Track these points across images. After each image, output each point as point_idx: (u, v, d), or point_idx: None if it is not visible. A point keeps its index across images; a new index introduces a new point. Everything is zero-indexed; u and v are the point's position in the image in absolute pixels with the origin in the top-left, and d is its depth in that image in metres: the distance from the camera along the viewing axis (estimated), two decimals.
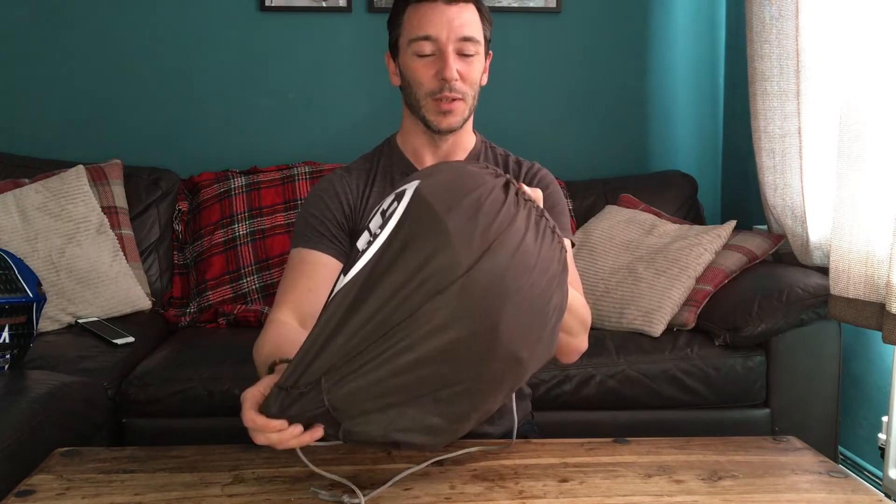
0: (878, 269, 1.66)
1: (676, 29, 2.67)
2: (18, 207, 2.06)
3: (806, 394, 1.85)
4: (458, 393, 0.82)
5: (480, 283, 0.77)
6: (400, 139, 1.30)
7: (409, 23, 1.19)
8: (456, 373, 0.80)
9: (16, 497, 0.96)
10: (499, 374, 0.83)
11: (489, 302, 0.78)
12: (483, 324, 0.78)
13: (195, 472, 1.04)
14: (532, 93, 2.63)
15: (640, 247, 2.11)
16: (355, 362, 0.80)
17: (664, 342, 1.88)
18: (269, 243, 2.27)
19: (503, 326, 0.79)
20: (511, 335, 0.80)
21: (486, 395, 0.86)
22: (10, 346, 1.57)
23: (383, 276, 0.79)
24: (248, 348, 1.86)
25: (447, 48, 1.16)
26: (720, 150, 2.73)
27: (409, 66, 1.20)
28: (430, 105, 1.19)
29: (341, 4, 2.55)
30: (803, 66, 1.97)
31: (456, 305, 0.77)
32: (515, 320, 0.80)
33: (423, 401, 0.82)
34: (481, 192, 0.82)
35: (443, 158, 1.27)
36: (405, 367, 0.79)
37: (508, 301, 0.79)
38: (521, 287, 0.80)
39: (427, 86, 1.18)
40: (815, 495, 1.01)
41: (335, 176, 1.27)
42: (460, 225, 0.79)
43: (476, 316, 0.78)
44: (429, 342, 0.78)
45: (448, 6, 1.17)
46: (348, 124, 2.58)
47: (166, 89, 2.55)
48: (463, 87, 1.18)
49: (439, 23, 1.16)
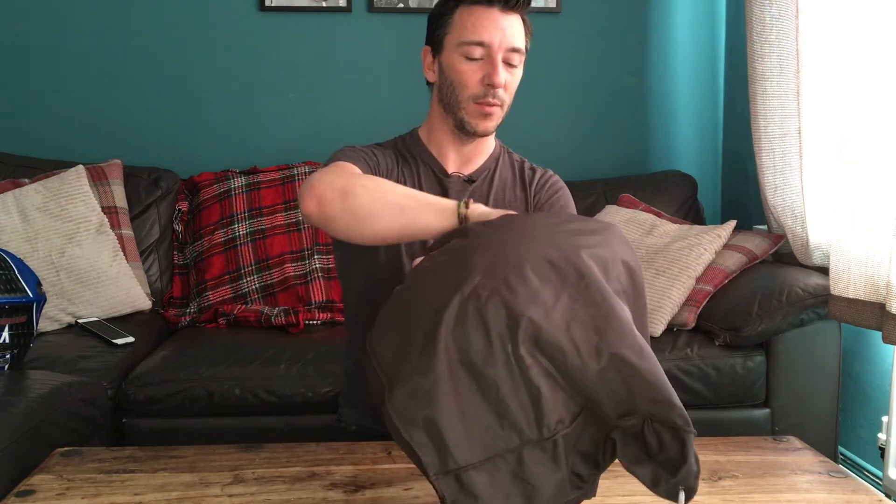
0: (878, 269, 1.66)
1: (676, 29, 2.67)
2: (18, 207, 2.06)
3: (806, 394, 1.85)
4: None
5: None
6: (424, 134, 1.30)
7: (462, 24, 1.19)
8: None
9: (16, 497, 0.96)
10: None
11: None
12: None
13: (195, 472, 1.04)
14: (532, 93, 2.62)
15: (640, 247, 2.12)
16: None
17: (664, 342, 1.88)
18: (269, 243, 2.27)
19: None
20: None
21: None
22: (10, 346, 1.57)
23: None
24: (249, 348, 1.88)
25: (497, 56, 1.18)
26: (720, 150, 2.73)
27: (454, 67, 1.20)
28: (471, 108, 1.20)
29: (341, 4, 2.55)
30: (803, 66, 1.97)
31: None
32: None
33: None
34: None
35: (466, 159, 1.29)
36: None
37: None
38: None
39: (472, 89, 1.19)
40: (814, 495, 1.01)
41: (367, 145, 1.27)
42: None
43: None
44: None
45: (503, 14, 1.19)
46: (348, 124, 2.58)
47: (166, 89, 2.55)
48: (504, 96, 1.21)
49: (493, 29, 1.18)
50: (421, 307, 0.82)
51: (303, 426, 1.74)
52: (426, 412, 0.77)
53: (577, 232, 0.87)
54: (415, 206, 1.01)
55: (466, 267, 0.81)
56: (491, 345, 0.78)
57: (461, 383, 0.78)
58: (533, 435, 0.78)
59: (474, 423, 0.78)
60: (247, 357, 1.83)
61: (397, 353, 0.81)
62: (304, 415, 1.75)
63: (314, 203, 1.01)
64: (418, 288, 0.86)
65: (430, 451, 0.77)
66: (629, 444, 0.80)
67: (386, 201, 1.01)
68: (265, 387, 1.75)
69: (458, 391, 0.77)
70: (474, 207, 0.99)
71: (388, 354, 0.82)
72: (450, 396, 0.77)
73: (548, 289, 0.79)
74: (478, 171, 1.30)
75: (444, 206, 1.00)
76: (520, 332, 0.77)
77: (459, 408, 0.77)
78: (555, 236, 0.86)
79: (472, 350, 0.78)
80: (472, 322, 0.78)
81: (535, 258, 0.81)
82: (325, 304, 2.22)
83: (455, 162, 1.28)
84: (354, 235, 1.03)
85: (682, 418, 0.76)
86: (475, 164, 1.30)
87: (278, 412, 1.75)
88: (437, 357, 0.77)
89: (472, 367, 0.78)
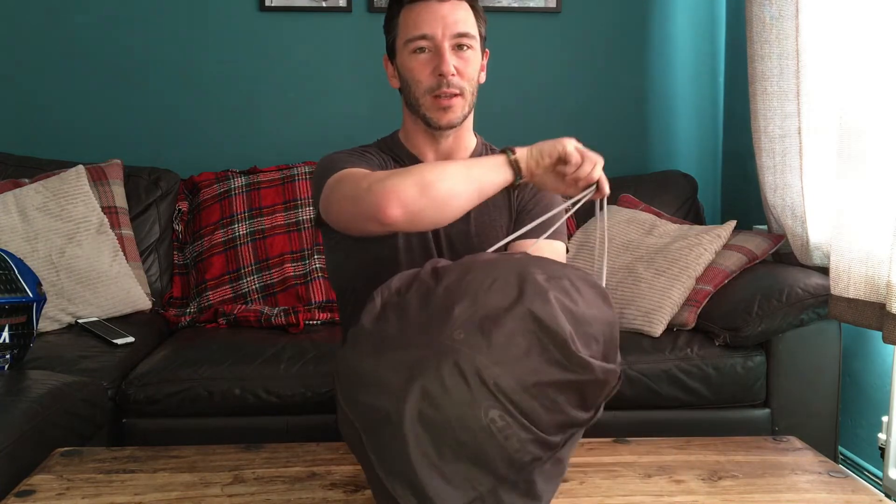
0: (878, 269, 1.66)
1: (676, 29, 2.67)
2: (18, 207, 2.06)
3: (806, 394, 1.85)
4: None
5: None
6: (402, 137, 1.32)
7: (405, 24, 1.21)
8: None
9: (16, 497, 0.96)
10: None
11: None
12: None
13: (195, 472, 1.04)
14: (532, 93, 2.63)
15: (640, 247, 2.11)
16: None
17: (664, 342, 1.87)
18: (269, 243, 2.27)
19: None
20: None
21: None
22: (10, 346, 1.57)
23: None
24: (249, 348, 1.88)
25: (443, 44, 1.19)
26: (720, 150, 2.73)
27: (406, 66, 1.22)
28: (429, 102, 1.21)
29: (341, 4, 2.55)
30: (803, 66, 1.97)
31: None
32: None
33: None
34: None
35: (444, 156, 1.29)
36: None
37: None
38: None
39: (425, 83, 1.20)
40: (815, 495, 1.01)
41: (353, 148, 1.28)
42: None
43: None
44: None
45: (441, 4, 1.19)
46: (348, 124, 2.57)
47: (166, 89, 2.55)
48: (460, 83, 1.20)
49: (433, 20, 1.18)
50: (396, 353, 0.83)
51: (303, 426, 1.74)
52: (403, 468, 0.78)
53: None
54: (478, 173, 1.05)
55: (444, 318, 0.83)
56: (469, 399, 0.78)
57: (435, 429, 0.78)
58: (508, 475, 0.81)
59: (454, 473, 0.78)
60: (247, 357, 1.83)
61: (369, 395, 0.82)
62: (304, 415, 1.75)
63: (398, 208, 0.99)
64: (398, 326, 0.86)
65: (411, 502, 0.78)
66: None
67: (457, 179, 1.03)
68: (265, 387, 1.75)
69: (432, 440, 0.78)
70: (520, 153, 1.08)
71: (360, 397, 0.83)
72: (426, 450, 0.78)
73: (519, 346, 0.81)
74: None
75: (498, 162, 1.07)
76: (489, 387, 0.78)
77: (436, 460, 0.78)
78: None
79: (447, 405, 0.78)
80: (448, 377, 0.78)
81: (514, 314, 0.82)
82: (325, 304, 2.22)
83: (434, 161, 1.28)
84: (441, 220, 1.05)
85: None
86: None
87: (278, 412, 1.75)
88: (405, 416, 0.77)
89: (445, 417, 0.78)
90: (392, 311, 0.88)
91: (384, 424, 0.79)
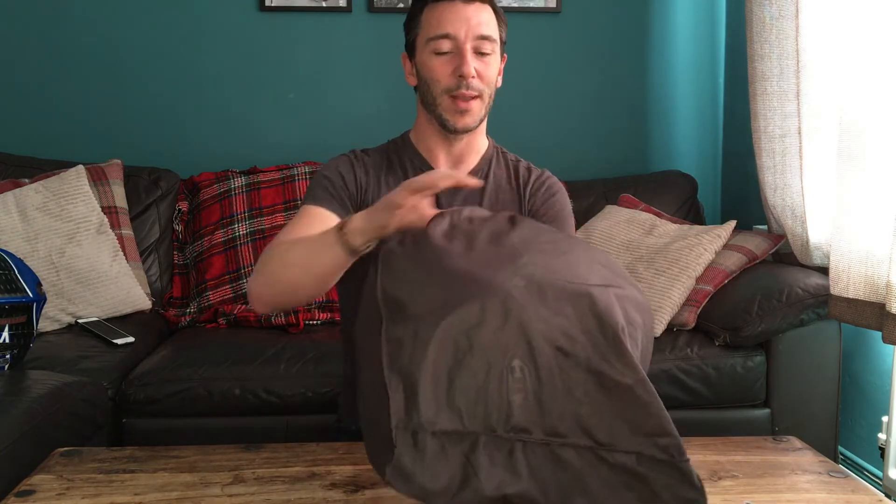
0: (878, 269, 1.66)
1: (676, 29, 2.67)
2: (18, 207, 2.06)
3: (806, 394, 1.85)
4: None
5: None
6: (414, 137, 1.31)
7: (428, 22, 1.21)
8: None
9: (16, 497, 0.96)
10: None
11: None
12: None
13: (195, 472, 1.04)
14: (532, 93, 2.63)
15: (640, 247, 2.11)
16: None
17: (664, 342, 1.87)
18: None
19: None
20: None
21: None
22: (10, 346, 1.57)
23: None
24: (249, 348, 1.88)
25: (465, 46, 1.18)
26: (720, 150, 2.73)
27: (426, 64, 1.21)
28: (446, 103, 1.20)
29: (341, 4, 2.55)
30: (803, 66, 1.97)
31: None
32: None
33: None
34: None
35: (456, 159, 1.28)
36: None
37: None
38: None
39: (444, 83, 1.20)
40: (814, 495, 1.01)
41: (353, 153, 1.29)
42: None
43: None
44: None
45: (466, 5, 1.19)
46: (348, 124, 2.57)
47: (166, 89, 2.55)
48: (479, 86, 1.20)
49: (457, 20, 1.18)
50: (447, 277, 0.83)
51: (303, 426, 1.74)
52: (411, 369, 0.78)
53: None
54: (316, 261, 1.04)
55: (510, 262, 0.83)
56: (500, 340, 0.78)
57: (458, 351, 0.78)
58: (499, 428, 0.78)
59: (450, 399, 0.78)
60: (247, 357, 1.83)
61: (413, 290, 0.82)
62: (304, 415, 1.75)
63: (258, 304, 1.10)
64: (447, 253, 0.87)
65: (399, 399, 0.78)
66: (616, 492, 0.79)
67: (295, 270, 1.06)
68: (265, 387, 1.75)
69: (450, 358, 0.78)
70: (352, 225, 1.00)
71: (402, 289, 0.83)
72: (441, 358, 0.78)
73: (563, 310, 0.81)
74: (470, 172, 1.29)
75: (330, 241, 1.02)
76: (525, 335, 0.78)
77: (445, 372, 0.78)
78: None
79: (479, 333, 0.78)
80: (490, 310, 0.78)
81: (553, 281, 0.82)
82: (325, 304, 2.22)
83: (446, 163, 1.28)
84: (298, 303, 1.11)
85: (678, 450, 0.77)
86: (467, 164, 1.29)
87: (278, 412, 1.75)
88: (438, 329, 0.78)
89: (471, 343, 0.78)
90: (461, 234, 0.89)
91: (412, 324, 0.79)
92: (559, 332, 0.79)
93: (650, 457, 0.77)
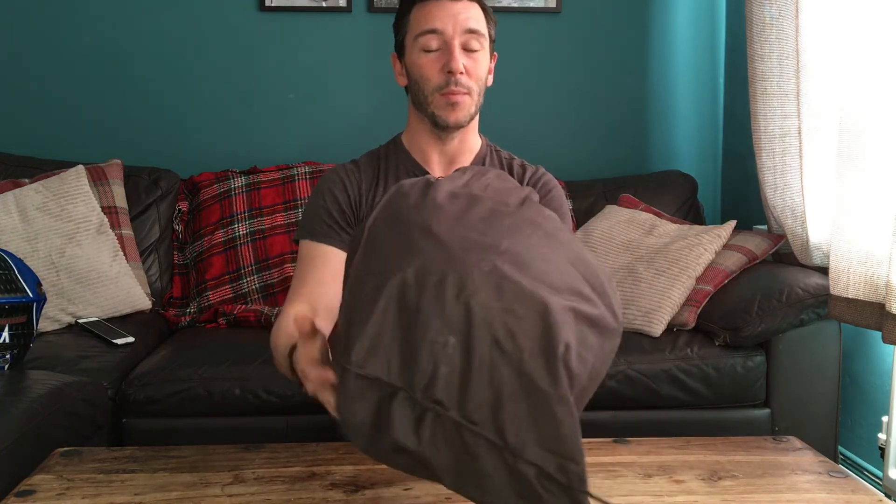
0: (877, 269, 1.66)
1: (676, 29, 2.67)
2: (18, 207, 2.06)
3: (806, 394, 1.85)
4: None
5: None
6: (406, 139, 1.31)
7: (416, 20, 1.21)
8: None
9: (16, 497, 0.96)
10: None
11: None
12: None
13: (195, 472, 1.04)
14: (532, 93, 2.63)
15: (640, 247, 2.11)
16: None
17: (664, 342, 1.87)
18: (269, 243, 2.27)
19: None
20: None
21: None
22: (10, 346, 1.57)
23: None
24: (249, 348, 1.88)
25: (453, 42, 1.18)
26: (720, 150, 2.73)
27: (415, 63, 1.21)
28: (437, 100, 1.21)
29: (341, 4, 2.55)
30: (803, 66, 1.97)
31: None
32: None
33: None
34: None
35: (449, 158, 1.28)
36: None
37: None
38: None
39: (434, 80, 1.20)
40: (815, 495, 1.01)
41: (343, 168, 1.29)
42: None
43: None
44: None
45: (454, 2, 1.19)
46: (348, 124, 2.58)
47: (166, 89, 2.55)
48: (468, 82, 1.20)
49: (445, 17, 1.19)
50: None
51: (303, 426, 1.74)
52: (363, 309, 0.79)
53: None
54: (282, 362, 1.10)
55: (488, 245, 0.82)
56: (441, 309, 0.77)
57: (405, 309, 0.78)
58: (418, 392, 0.77)
59: (384, 350, 0.78)
60: (247, 357, 1.83)
61: (394, 235, 0.84)
62: (304, 415, 1.75)
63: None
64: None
65: (340, 341, 0.81)
66: (508, 500, 0.77)
67: (275, 357, 1.16)
68: (265, 387, 1.75)
69: (396, 313, 0.78)
70: (298, 368, 0.98)
71: (386, 231, 0.84)
72: (388, 309, 0.78)
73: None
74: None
75: (287, 363, 1.06)
76: (466, 310, 0.77)
77: (388, 324, 0.78)
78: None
79: (429, 300, 0.77)
80: (442, 282, 0.78)
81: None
82: None
83: (439, 163, 1.28)
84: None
85: (580, 479, 0.75)
86: (461, 163, 1.29)
87: (278, 412, 1.75)
88: (405, 274, 0.78)
89: (419, 307, 0.77)
90: (465, 198, 0.87)
91: (378, 265, 0.81)
92: (502, 327, 0.78)
93: (549, 475, 0.76)
